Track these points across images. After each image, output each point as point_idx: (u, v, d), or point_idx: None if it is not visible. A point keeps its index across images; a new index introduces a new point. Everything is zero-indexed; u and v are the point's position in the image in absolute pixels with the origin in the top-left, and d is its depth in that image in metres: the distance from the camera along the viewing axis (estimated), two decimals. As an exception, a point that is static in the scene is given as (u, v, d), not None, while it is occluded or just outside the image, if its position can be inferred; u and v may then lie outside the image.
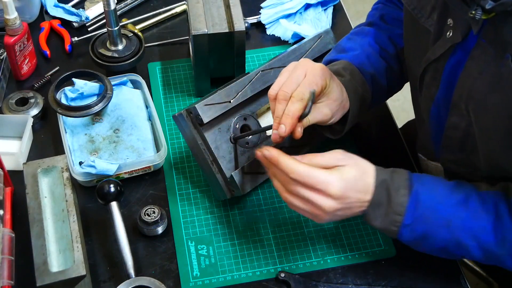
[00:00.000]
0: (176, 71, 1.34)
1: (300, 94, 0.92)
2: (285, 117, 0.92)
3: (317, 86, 0.94)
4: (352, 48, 1.11)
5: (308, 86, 0.93)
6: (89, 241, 1.07)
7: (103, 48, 1.27)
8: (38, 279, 0.93)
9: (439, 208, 0.93)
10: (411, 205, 0.92)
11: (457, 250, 0.94)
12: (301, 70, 0.95)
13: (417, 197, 0.93)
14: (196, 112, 1.03)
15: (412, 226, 0.93)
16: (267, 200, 1.14)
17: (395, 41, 1.12)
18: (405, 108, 2.55)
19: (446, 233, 0.93)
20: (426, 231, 0.93)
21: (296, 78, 0.94)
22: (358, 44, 1.11)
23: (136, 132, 1.19)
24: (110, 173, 1.10)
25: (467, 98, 0.89)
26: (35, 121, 1.22)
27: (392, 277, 1.05)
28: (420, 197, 0.93)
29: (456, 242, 0.93)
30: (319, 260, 1.07)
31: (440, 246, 0.95)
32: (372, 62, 1.09)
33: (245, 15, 1.38)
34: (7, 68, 1.30)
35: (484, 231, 0.91)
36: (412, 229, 0.94)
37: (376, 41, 1.12)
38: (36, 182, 1.04)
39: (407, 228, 0.94)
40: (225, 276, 1.04)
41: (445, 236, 0.93)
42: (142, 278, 0.99)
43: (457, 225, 0.92)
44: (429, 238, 0.94)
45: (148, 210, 1.07)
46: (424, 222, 0.93)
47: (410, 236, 0.95)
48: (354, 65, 1.07)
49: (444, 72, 0.94)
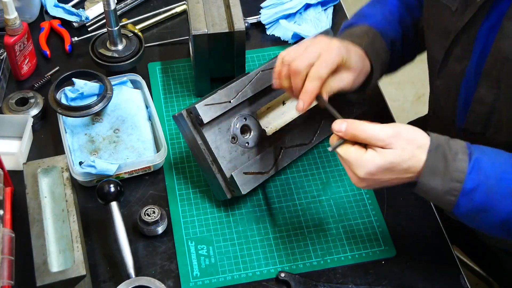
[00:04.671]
0: (176, 71, 1.34)
1: (317, 73, 0.95)
2: (303, 94, 0.96)
3: (332, 65, 0.96)
4: (373, 14, 1.13)
5: (324, 66, 0.95)
6: (89, 241, 1.07)
7: (103, 48, 1.27)
8: (38, 279, 0.93)
9: (503, 176, 0.87)
10: (472, 171, 0.86)
11: None
12: (316, 48, 0.96)
13: (479, 164, 0.87)
14: (196, 112, 1.03)
15: (472, 195, 0.87)
16: (267, 200, 1.14)
17: (412, 12, 1.15)
18: (405, 108, 2.55)
19: (511, 204, 0.87)
20: (487, 201, 0.87)
21: (310, 54, 0.96)
22: (379, 11, 1.13)
23: (136, 132, 1.19)
24: (110, 173, 1.10)
25: (502, 63, 0.89)
26: (35, 121, 1.22)
27: (392, 277, 1.05)
28: (482, 164, 0.87)
29: None
30: (319, 260, 1.07)
31: (501, 219, 0.89)
32: (392, 28, 1.11)
33: (245, 15, 1.38)
34: (7, 68, 1.30)
35: None
36: (472, 198, 0.87)
37: (396, 9, 1.14)
38: (36, 182, 1.04)
39: (466, 198, 0.87)
40: (225, 276, 1.04)
41: (508, 207, 0.87)
42: (142, 278, 0.99)
43: None
44: (489, 210, 0.88)
45: (148, 210, 1.07)
46: (486, 191, 0.87)
47: (469, 207, 0.88)
48: (375, 30, 1.09)
49: (477, 39, 0.93)
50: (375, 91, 1.32)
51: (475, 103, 0.97)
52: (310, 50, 0.96)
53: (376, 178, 0.88)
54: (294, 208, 1.13)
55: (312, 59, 0.95)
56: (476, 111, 0.97)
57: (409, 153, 0.87)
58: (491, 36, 0.92)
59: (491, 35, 0.91)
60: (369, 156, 0.87)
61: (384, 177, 0.89)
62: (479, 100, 0.96)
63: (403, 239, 1.08)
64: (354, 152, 0.88)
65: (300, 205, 1.13)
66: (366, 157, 0.87)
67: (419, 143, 0.88)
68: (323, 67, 0.95)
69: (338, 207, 1.13)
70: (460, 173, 0.86)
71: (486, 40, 0.92)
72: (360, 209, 1.13)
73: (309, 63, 0.95)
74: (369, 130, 0.87)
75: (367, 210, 1.13)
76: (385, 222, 1.11)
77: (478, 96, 0.96)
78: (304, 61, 0.96)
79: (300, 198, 1.14)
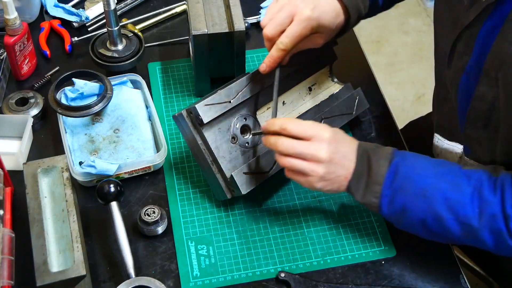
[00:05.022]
0: (176, 71, 1.34)
1: (282, 44, 1.00)
2: (268, 57, 1.03)
3: (300, 37, 1.01)
4: None
5: (291, 38, 1.00)
6: (89, 241, 1.07)
7: (103, 48, 1.27)
8: (38, 279, 0.93)
9: (416, 178, 0.95)
10: (390, 174, 0.96)
11: (436, 225, 0.95)
12: (289, 12, 1.00)
13: (396, 168, 0.96)
14: (196, 112, 1.03)
15: (391, 197, 0.96)
16: (267, 200, 1.14)
17: None
18: (405, 108, 2.55)
19: (423, 204, 0.94)
20: (405, 202, 0.95)
21: (281, 21, 1.00)
22: None
23: (136, 132, 1.19)
24: (110, 173, 1.10)
25: (499, 64, 0.90)
26: (35, 121, 1.22)
27: (392, 277, 1.05)
28: (399, 168, 0.96)
29: (434, 214, 0.94)
30: (319, 260, 1.07)
31: (419, 219, 0.95)
32: None
33: (245, 15, 1.38)
34: (7, 68, 1.30)
35: (460, 203, 0.92)
36: (392, 200, 0.96)
37: None
38: (36, 182, 1.04)
39: (387, 199, 0.96)
40: (225, 276, 1.04)
41: (422, 206, 0.94)
42: (142, 278, 0.99)
43: (433, 196, 0.93)
44: (408, 211, 0.96)
45: (148, 210, 1.07)
46: (402, 192, 0.95)
47: (391, 209, 0.97)
48: None
49: (478, 38, 0.95)
50: (375, 91, 1.33)
51: (475, 100, 0.98)
52: (281, 15, 1.00)
53: (334, 158, 0.96)
54: (294, 208, 1.13)
55: (283, 26, 1.00)
56: (477, 107, 0.99)
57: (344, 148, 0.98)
58: (492, 36, 0.92)
59: (492, 35, 0.92)
60: (316, 137, 0.96)
61: (337, 156, 0.96)
62: (479, 97, 0.97)
63: (403, 239, 1.08)
64: (311, 124, 0.98)
65: (300, 205, 1.13)
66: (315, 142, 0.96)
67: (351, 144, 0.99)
68: (289, 39, 1.00)
69: (338, 207, 1.13)
70: (380, 177, 0.96)
71: (487, 40, 0.93)
72: (360, 209, 1.13)
73: (279, 30, 1.01)
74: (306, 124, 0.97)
75: (367, 210, 1.13)
76: (385, 222, 1.11)
77: (478, 93, 0.97)
78: (275, 28, 1.01)
79: (300, 198, 1.14)
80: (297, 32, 1.00)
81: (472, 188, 0.92)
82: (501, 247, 0.93)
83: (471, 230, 0.92)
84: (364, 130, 1.25)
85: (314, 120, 1.15)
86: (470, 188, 0.92)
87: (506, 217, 0.90)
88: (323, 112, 1.17)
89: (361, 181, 0.97)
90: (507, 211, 0.89)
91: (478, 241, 0.94)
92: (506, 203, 0.90)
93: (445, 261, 1.07)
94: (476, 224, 0.91)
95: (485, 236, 0.92)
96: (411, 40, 2.80)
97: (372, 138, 1.24)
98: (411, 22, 2.88)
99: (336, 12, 1.05)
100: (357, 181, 0.97)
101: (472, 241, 0.95)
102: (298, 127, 0.96)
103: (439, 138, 1.16)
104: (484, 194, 0.91)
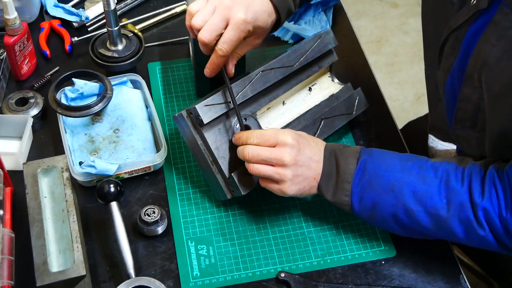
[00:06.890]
0: (176, 71, 1.34)
1: (221, 51, 1.01)
2: (210, 64, 1.03)
3: (237, 42, 1.01)
4: None
5: (229, 44, 1.00)
6: (89, 241, 1.07)
7: (103, 48, 1.27)
8: (38, 279, 0.93)
9: (384, 174, 0.97)
10: (359, 172, 0.97)
11: (407, 218, 0.96)
12: (221, 18, 1.00)
13: (364, 165, 0.98)
14: (196, 113, 1.03)
15: (361, 194, 0.97)
16: (267, 200, 1.14)
17: None
18: (405, 108, 2.55)
19: (392, 198, 0.96)
20: (374, 198, 0.97)
21: (216, 26, 0.99)
22: None
23: (136, 132, 1.19)
24: (110, 173, 1.10)
25: (481, 67, 0.91)
26: (35, 121, 1.22)
27: (392, 277, 1.05)
28: (367, 165, 0.98)
29: (404, 208, 0.95)
30: (319, 260, 1.07)
31: (390, 213, 0.97)
32: None
33: (245, 15, 1.38)
34: (7, 68, 1.30)
35: (427, 194, 0.94)
36: (362, 197, 0.98)
37: None
38: (36, 182, 1.04)
39: (357, 196, 0.98)
40: (225, 276, 1.04)
41: (391, 201, 0.96)
42: (142, 278, 0.99)
43: (401, 190, 0.95)
44: (378, 206, 0.97)
45: (148, 210, 1.07)
46: (371, 188, 0.97)
47: (362, 205, 0.98)
48: None
49: (464, 40, 0.96)
50: (375, 91, 1.33)
51: (461, 102, 1.00)
52: (216, 20, 0.99)
53: (299, 160, 0.97)
54: (294, 208, 1.13)
55: (218, 31, 1.00)
56: (463, 108, 1.01)
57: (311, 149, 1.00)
58: (475, 39, 0.94)
59: (476, 38, 0.93)
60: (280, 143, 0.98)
61: (302, 159, 0.98)
62: (464, 98, 0.99)
63: (403, 239, 1.08)
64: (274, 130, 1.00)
65: (300, 205, 1.13)
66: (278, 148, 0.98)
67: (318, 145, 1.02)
68: (228, 45, 1.00)
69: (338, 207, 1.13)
70: (349, 175, 0.98)
71: (471, 42, 0.95)
72: (360, 209, 1.13)
73: (215, 35, 1.00)
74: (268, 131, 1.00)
75: (367, 210, 1.13)
76: (385, 222, 1.11)
77: (463, 95, 0.99)
78: (211, 34, 0.99)
79: (300, 198, 1.14)
80: (235, 37, 1.00)
81: (439, 179, 0.94)
82: (472, 237, 0.94)
83: (441, 220, 0.94)
84: (364, 130, 1.25)
85: (314, 120, 1.15)
86: (437, 179, 0.94)
87: (473, 206, 0.91)
88: (323, 112, 1.17)
89: (331, 180, 0.99)
90: (475, 200, 0.91)
91: (449, 232, 0.95)
92: (473, 192, 0.91)
93: (445, 261, 1.07)
94: (445, 214, 0.93)
95: (455, 226, 0.93)
96: (411, 40, 2.80)
97: (372, 138, 1.24)
98: (411, 22, 2.88)
99: (268, 12, 1.05)
100: (327, 181, 1.00)
101: (443, 233, 0.96)
102: (261, 136, 0.99)
103: (433, 139, 1.17)
104: (451, 184, 0.93)
